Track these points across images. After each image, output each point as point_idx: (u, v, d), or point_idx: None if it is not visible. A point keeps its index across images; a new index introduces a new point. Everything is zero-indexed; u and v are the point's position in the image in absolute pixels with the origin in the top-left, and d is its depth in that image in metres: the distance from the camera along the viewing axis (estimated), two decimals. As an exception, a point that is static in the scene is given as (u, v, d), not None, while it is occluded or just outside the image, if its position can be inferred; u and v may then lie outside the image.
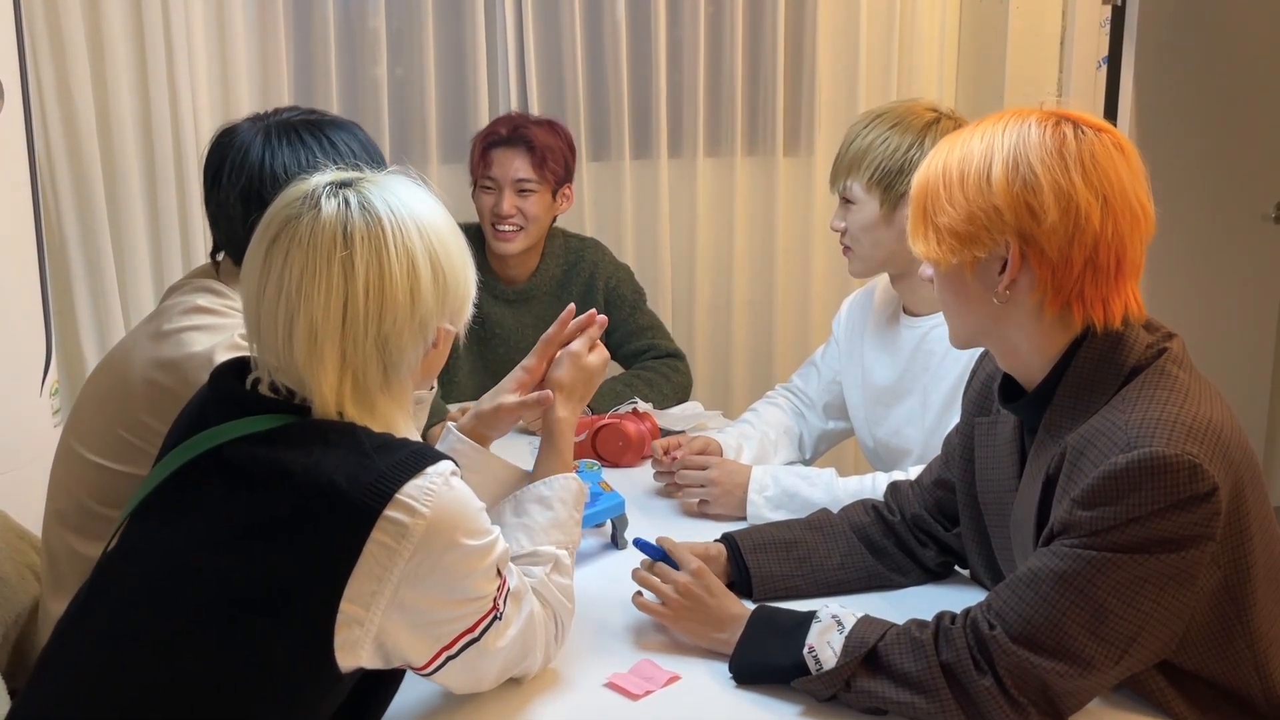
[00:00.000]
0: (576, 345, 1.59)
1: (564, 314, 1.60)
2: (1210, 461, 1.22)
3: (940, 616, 1.35)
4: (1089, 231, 1.29)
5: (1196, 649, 1.30)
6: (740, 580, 1.65)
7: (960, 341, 1.46)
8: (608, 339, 2.68)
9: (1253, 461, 1.30)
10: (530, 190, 2.61)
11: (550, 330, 1.59)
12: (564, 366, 1.58)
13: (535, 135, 2.63)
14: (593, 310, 1.62)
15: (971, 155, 1.33)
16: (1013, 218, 1.30)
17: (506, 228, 2.61)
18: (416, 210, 1.27)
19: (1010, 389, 1.44)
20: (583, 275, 2.72)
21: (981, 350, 1.59)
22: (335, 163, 1.46)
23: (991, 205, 1.31)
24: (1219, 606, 1.29)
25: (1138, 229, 1.32)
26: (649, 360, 2.66)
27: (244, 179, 1.59)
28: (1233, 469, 1.25)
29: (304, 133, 1.62)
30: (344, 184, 1.27)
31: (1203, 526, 1.23)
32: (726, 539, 1.69)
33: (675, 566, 1.55)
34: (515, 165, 2.61)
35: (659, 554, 1.58)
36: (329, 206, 1.24)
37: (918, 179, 1.39)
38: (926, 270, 1.42)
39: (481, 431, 1.58)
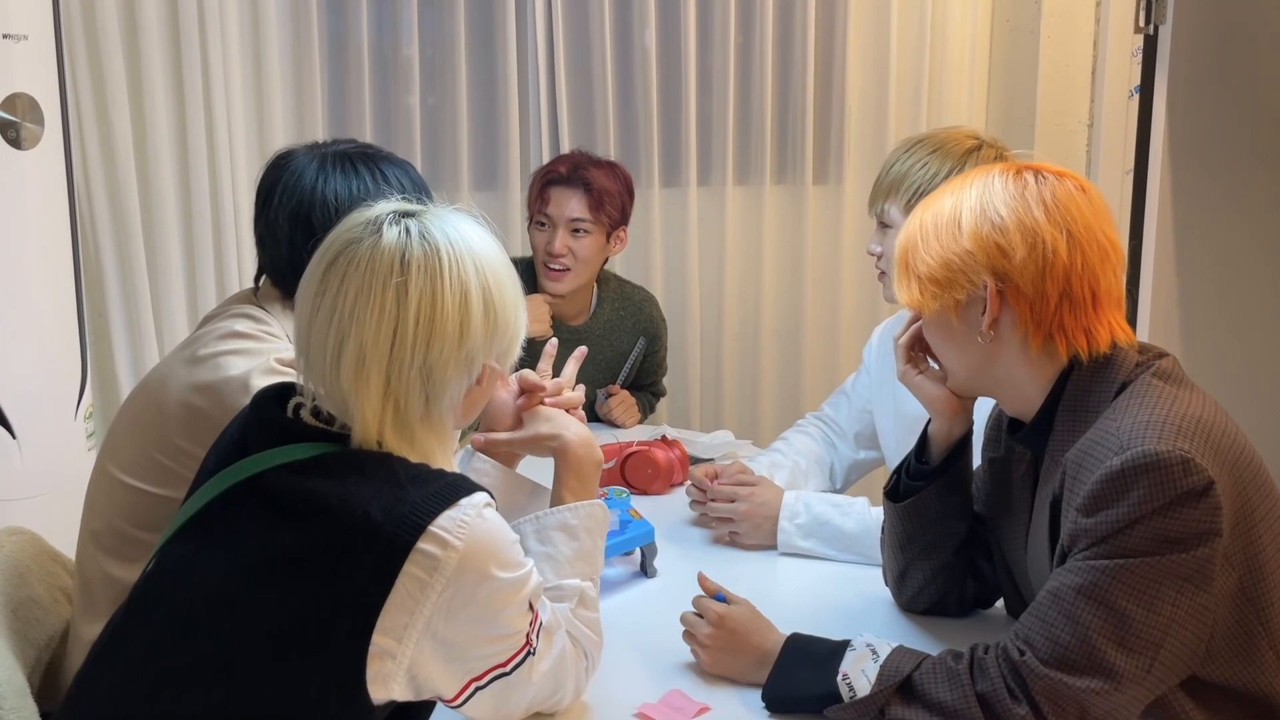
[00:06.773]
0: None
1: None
2: (1202, 456, 1.25)
3: (974, 647, 1.35)
4: (1058, 264, 1.36)
5: (1221, 657, 1.30)
6: None
7: (960, 387, 1.52)
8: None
9: (1254, 462, 1.33)
10: (584, 231, 2.62)
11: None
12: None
13: (594, 177, 2.63)
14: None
15: (943, 210, 1.43)
16: (984, 257, 1.38)
17: (556, 266, 2.62)
18: (475, 246, 1.28)
19: (1017, 422, 1.49)
20: (633, 325, 2.81)
21: None
22: (386, 195, 1.47)
23: (964, 249, 1.39)
24: (1238, 610, 1.30)
25: (1108, 262, 1.38)
26: (647, 393, 2.89)
27: (294, 201, 1.63)
28: (1229, 466, 1.28)
29: (358, 163, 1.66)
30: (407, 214, 1.29)
31: (1207, 522, 1.25)
32: None
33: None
34: (571, 205, 2.61)
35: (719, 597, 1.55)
36: (390, 233, 1.25)
37: (899, 240, 1.48)
38: None
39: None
